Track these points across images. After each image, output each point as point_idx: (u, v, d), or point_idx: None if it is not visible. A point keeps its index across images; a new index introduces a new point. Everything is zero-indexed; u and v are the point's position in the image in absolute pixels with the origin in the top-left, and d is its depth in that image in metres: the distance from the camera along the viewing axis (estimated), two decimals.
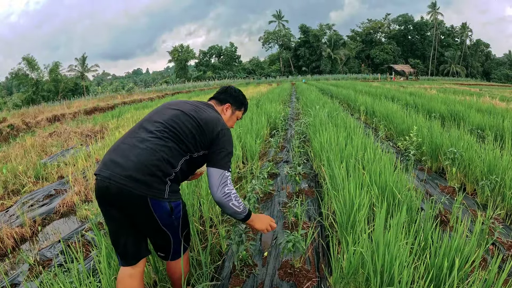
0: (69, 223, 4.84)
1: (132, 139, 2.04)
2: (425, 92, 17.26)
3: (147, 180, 1.90)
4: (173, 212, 2.02)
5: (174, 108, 2.23)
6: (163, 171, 1.96)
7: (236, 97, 2.52)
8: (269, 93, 18.12)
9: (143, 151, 1.95)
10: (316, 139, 5.09)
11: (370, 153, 3.90)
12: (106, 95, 37.86)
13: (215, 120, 2.22)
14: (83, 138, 11.45)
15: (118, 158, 1.97)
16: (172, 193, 2.01)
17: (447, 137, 5.39)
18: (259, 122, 7.27)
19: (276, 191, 4.39)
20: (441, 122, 8.01)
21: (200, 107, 2.28)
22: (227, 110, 2.48)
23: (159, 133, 2.04)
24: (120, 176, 1.89)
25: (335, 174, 3.48)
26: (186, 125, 2.10)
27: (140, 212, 1.95)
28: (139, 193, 1.89)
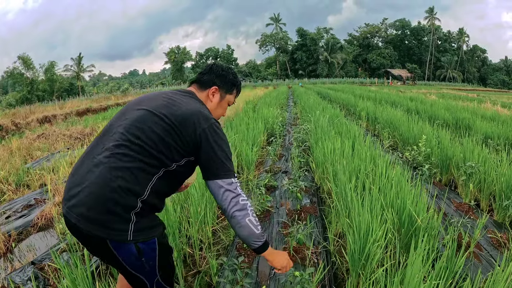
0: (46, 239, 4.38)
1: (89, 161, 1.60)
2: (425, 98, 16.90)
3: (103, 220, 1.49)
4: (142, 254, 1.58)
5: (139, 108, 1.71)
6: (123, 205, 1.50)
7: (224, 76, 1.94)
8: (266, 97, 17.67)
9: (97, 180, 1.51)
10: (318, 149, 4.66)
11: (381, 167, 3.47)
12: (100, 96, 37.40)
13: (196, 114, 1.67)
14: (71, 141, 10.96)
15: (74, 189, 1.54)
16: (139, 232, 1.54)
17: (458, 148, 4.99)
18: (255, 128, 6.83)
19: (274, 208, 3.94)
20: (446, 129, 7.64)
21: (174, 100, 1.74)
22: (214, 96, 1.92)
23: (116, 149, 1.56)
24: (74, 215, 1.50)
25: (344, 192, 3.06)
26: (154, 130, 1.59)
27: (104, 254, 1.58)
28: (96, 234, 1.49)
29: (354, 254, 2.40)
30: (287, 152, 6.46)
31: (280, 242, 3.21)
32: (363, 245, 2.37)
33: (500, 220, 3.78)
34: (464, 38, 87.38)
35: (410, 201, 2.80)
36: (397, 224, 2.86)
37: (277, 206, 3.96)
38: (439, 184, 4.87)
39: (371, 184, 3.39)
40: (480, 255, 3.04)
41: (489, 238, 3.33)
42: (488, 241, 3.28)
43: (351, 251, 2.42)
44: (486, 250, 3.16)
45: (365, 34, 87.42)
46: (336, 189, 3.31)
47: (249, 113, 9.01)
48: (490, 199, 4.18)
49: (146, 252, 1.58)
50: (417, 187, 3.09)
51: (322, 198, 4.21)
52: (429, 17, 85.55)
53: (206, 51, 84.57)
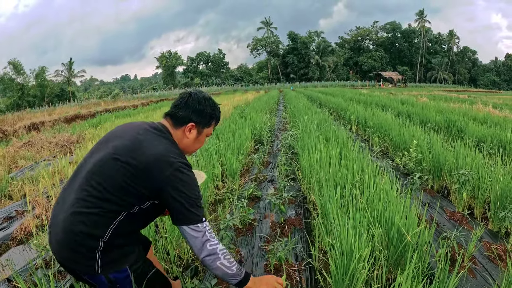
0: (25, 253, 4.14)
1: (64, 195, 1.69)
2: (416, 100, 16.80)
3: (71, 257, 1.60)
4: (115, 283, 1.65)
5: (106, 148, 1.69)
6: (86, 247, 1.57)
7: (201, 110, 1.84)
8: (256, 102, 17.44)
9: (63, 224, 1.58)
10: (304, 157, 4.45)
11: (369, 177, 3.27)
12: (90, 102, 37.05)
13: (161, 160, 1.62)
14: (58, 149, 10.69)
15: (53, 220, 1.68)
16: (107, 265, 1.61)
17: (451, 153, 4.82)
18: (242, 135, 6.62)
19: (258, 220, 3.72)
20: (438, 133, 7.48)
21: (139, 142, 1.67)
22: (191, 132, 1.84)
23: (80, 193, 1.61)
24: (53, 249, 1.63)
25: (326, 208, 2.86)
26: (113, 177, 1.60)
27: (83, 281, 1.72)
28: (69, 266, 1.63)
29: (337, 275, 2.20)
30: (275, 159, 6.24)
31: (262, 259, 2.99)
32: (346, 265, 2.17)
33: (495, 229, 3.61)
34: (454, 40, 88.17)
35: (399, 215, 2.60)
36: (385, 240, 2.66)
37: (260, 219, 3.74)
38: (431, 191, 4.69)
39: (358, 195, 3.19)
40: (475, 269, 2.85)
41: (484, 249, 3.15)
42: (483, 254, 3.10)
43: (333, 272, 2.22)
44: (481, 263, 2.97)
45: (356, 37, 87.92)
46: (320, 202, 3.10)
47: (236, 119, 8.78)
48: (485, 207, 4.01)
49: (119, 280, 1.65)
50: (407, 198, 2.90)
51: (308, 209, 4.00)
52: (419, 19, 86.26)
53: (197, 55, 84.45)
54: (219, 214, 3.83)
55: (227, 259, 1.69)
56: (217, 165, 4.97)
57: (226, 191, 4.65)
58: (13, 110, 35.00)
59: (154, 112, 18.44)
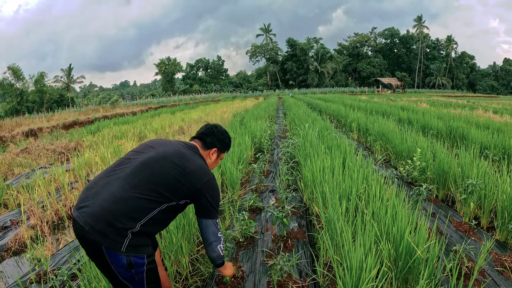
0: (20, 265, 4.05)
1: (106, 181, 1.91)
2: (416, 106, 16.74)
3: (104, 230, 1.75)
4: (133, 267, 1.83)
5: (156, 150, 2.07)
6: (124, 224, 1.79)
7: (223, 140, 2.36)
8: (255, 109, 17.32)
9: (109, 197, 1.81)
10: (306, 166, 4.34)
11: (374, 188, 3.16)
12: (89, 108, 36.89)
13: (201, 170, 2.08)
14: (55, 156, 10.55)
15: (88, 199, 1.84)
16: (132, 247, 1.81)
17: (455, 162, 4.72)
18: (242, 143, 6.50)
19: (259, 233, 3.60)
20: (440, 140, 7.38)
21: (183, 154, 2.10)
22: (213, 155, 2.34)
23: (131, 178, 1.89)
24: (83, 220, 1.78)
25: (332, 219, 2.75)
26: (164, 175, 1.95)
27: (99, 259, 1.84)
28: (94, 239, 1.76)
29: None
30: (275, 168, 6.13)
31: (264, 274, 2.87)
32: (355, 284, 2.06)
33: (502, 240, 3.51)
34: (452, 45, 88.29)
35: (408, 230, 2.49)
36: (393, 255, 2.55)
37: (262, 231, 3.63)
38: (435, 201, 4.58)
39: (363, 207, 3.08)
40: (484, 282, 2.73)
41: (493, 261, 3.04)
42: (492, 265, 2.99)
43: None
44: (490, 276, 2.86)
45: (355, 44, 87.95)
46: (325, 216, 2.99)
47: (236, 127, 8.66)
48: (491, 216, 3.90)
49: (136, 265, 1.83)
50: (415, 211, 2.80)
51: (311, 221, 3.89)
52: (417, 25, 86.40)
53: (196, 62, 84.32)
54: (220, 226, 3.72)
55: (223, 244, 2.19)
56: (217, 175, 4.86)
57: (226, 202, 4.54)
58: (12, 115, 34.78)
59: (153, 119, 18.32)
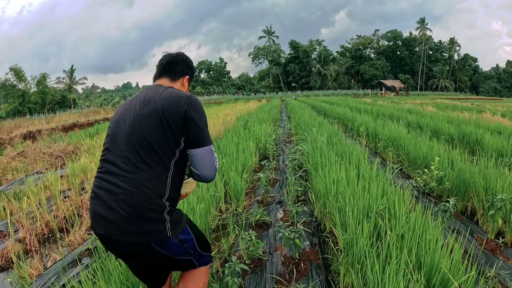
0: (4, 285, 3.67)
1: (106, 183, 1.71)
2: (422, 109, 16.37)
3: (144, 228, 1.66)
4: (183, 242, 1.79)
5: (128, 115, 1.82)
6: (156, 210, 1.68)
7: (191, 66, 2.13)
8: (258, 112, 16.94)
9: (126, 198, 1.64)
10: (318, 177, 3.98)
11: (397, 205, 2.80)
12: (90, 110, 36.70)
13: (171, 97, 1.80)
14: (52, 160, 10.22)
15: (104, 211, 1.67)
16: (174, 224, 1.75)
17: (476, 171, 4.36)
18: (246, 150, 6.16)
19: (267, 254, 3.24)
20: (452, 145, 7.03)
21: (149, 98, 1.82)
22: (186, 83, 2.08)
23: (131, 162, 1.69)
24: (114, 232, 1.65)
25: (352, 242, 2.39)
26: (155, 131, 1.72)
27: (150, 257, 1.77)
28: (140, 242, 1.67)
29: None
30: (282, 176, 5.77)
31: None
32: None
33: None
34: (455, 48, 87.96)
35: (443, 258, 2.14)
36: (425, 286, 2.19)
37: (270, 251, 3.26)
38: (457, 214, 4.22)
39: (385, 227, 2.73)
40: None
41: None
42: None
43: None
44: None
45: (357, 46, 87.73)
46: (344, 236, 2.63)
47: (239, 132, 8.31)
48: None
49: (186, 240, 1.79)
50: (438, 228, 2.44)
51: (324, 240, 3.52)
52: (420, 27, 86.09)
53: (198, 64, 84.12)
54: (223, 244, 3.36)
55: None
56: (220, 185, 4.51)
57: (230, 215, 4.18)
58: (14, 116, 34.79)
59: None
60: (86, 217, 4.91)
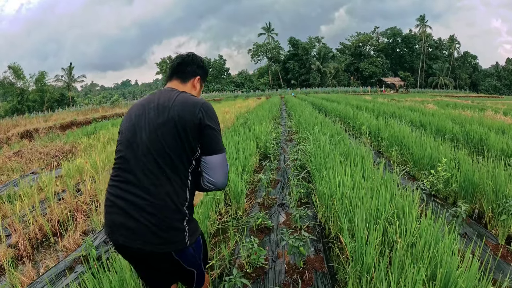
0: None
1: (126, 193, 1.67)
2: (424, 107, 16.20)
3: (167, 238, 1.64)
4: (195, 251, 1.80)
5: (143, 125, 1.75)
6: (179, 219, 1.68)
7: (203, 66, 2.05)
8: (258, 109, 16.74)
9: (150, 209, 1.62)
10: (322, 179, 3.82)
11: (407, 211, 2.65)
12: (88, 108, 36.51)
13: (185, 104, 1.75)
14: (48, 159, 10.06)
15: (124, 221, 1.65)
16: (192, 235, 1.74)
17: (484, 172, 4.21)
18: (247, 149, 5.99)
19: (269, 261, 3.09)
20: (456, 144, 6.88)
21: (164, 105, 1.76)
22: (197, 84, 2.01)
23: (153, 174, 1.66)
24: (136, 241, 1.62)
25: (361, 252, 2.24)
26: (172, 140, 1.68)
27: (166, 264, 1.76)
28: (162, 251, 1.66)
29: None
30: (284, 177, 5.61)
31: None
32: None
33: None
34: (455, 45, 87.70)
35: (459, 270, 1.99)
36: None
37: (273, 258, 3.10)
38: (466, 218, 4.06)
39: (394, 234, 2.57)
40: None
41: None
42: None
43: None
44: None
45: (357, 43, 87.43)
46: (352, 245, 2.47)
47: (239, 130, 8.13)
48: None
49: (197, 249, 1.80)
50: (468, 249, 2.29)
51: (330, 246, 3.36)
52: (420, 25, 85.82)
53: None
54: (223, 250, 3.21)
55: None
56: None
57: (230, 218, 4.02)
58: (13, 114, 34.66)
59: None
60: (80, 220, 4.75)
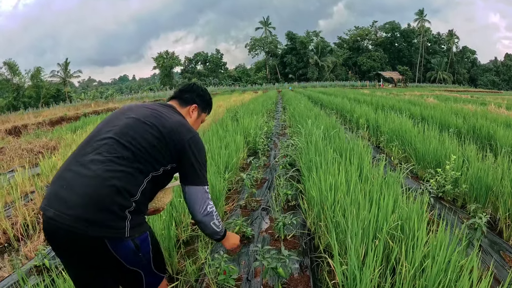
0: None
1: (77, 164, 1.55)
2: (424, 101, 15.64)
3: (100, 219, 1.44)
4: (140, 249, 1.55)
5: (128, 116, 1.71)
6: (120, 204, 1.48)
7: (203, 96, 2.03)
8: (252, 103, 16.10)
9: (91, 181, 1.48)
10: (311, 179, 3.26)
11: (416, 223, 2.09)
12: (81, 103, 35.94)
13: (182, 126, 1.74)
14: (31, 156, 9.51)
15: (62, 191, 1.49)
16: (134, 227, 1.53)
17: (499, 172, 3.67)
18: (232, 143, 5.43)
19: (244, 281, 2.51)
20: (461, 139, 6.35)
21: (160, 112, 1.76)
22: (193, 112, 1.98)
23: (109, 153, 1.55)
24: (66, 216, 1.43)
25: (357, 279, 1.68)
26: (145, 137, 1.61)
27: (99, 257, 1.51)
28: (93, 235, 1.44)
29: None
30: (271, 175, 5.03)
31: None
32: None
33: None
34: (453, 40, 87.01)
35: None
36: None
37: (248, 278, 2.53)
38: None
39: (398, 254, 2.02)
40: None
41: None
42: None
43: None
44: None
45: (355, 37, 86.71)
46: (342, 268, 1.91)
47: (226, 124, 7.55)
48: None
49: (142, 246, 1.58)
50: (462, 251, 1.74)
51: (318, 264, 2.78)
52: (419, 19, 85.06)
53: (195, 55, 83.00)
54: (187, 267, 2.64)
55: (218, 220, 1.77)
56: None
57: None
58: (8, 111, 34.36)
59: None
60: None
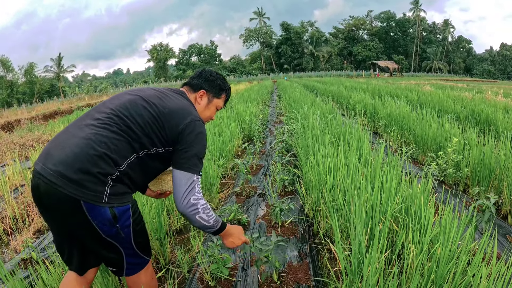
0: None
1: (75, 127, 1.58)
2: (420, 89, 15.51)
3: (79, 179, 1.42)
4: (118, 220, 1.51)
5: (132, 93, 1.72)
6: (102, 168, 1.46)
7: (212, 81, 1.94)
8: (246, 91, 15.94)
9: (80, 141, 1.48)
10: (308, 163, 3.12)
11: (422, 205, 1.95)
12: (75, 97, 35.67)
13: (183, 109, 1.70)
14: (24, 150, 9.37)
15: (54, 149, 1.50)
16: (114, 196, 1.49)
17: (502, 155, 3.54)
18: (226, 130, 5.28)
19: (239, 270, 2.38)
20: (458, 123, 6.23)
21: (166, 94, 1.76)
22: (202, 99, 1.91)
23: (104, 121, 1.56)
24: (49, 171, 1.43)
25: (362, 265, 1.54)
26: (142, 114, 1.61)
27: (74, 218, 1.47)
28: (69, 194, 1.41)
29: None
30: (267, 162, 4.89)
31: None
32: None
33: None
34: (449, 29, 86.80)
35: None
36: None
37: (244, 267, 2.39)
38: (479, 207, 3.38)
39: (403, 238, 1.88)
40: None
41: None
42: None
43: None
44: None
45: (350, 27, 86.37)
46: (345, 254, 1.77)
47: (220, 111, 7.41)
48: None
49: (121, 218, 1.52)
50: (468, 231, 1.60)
51: (318, 250, 2.65)
52: (414, 8, 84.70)
53: (189, 47, 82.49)
54: (178, 256, 2.49)
55: (206, 213, 1.64)
56: None
57: None
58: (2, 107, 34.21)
59: None
60: (35, 217, 4.05)
